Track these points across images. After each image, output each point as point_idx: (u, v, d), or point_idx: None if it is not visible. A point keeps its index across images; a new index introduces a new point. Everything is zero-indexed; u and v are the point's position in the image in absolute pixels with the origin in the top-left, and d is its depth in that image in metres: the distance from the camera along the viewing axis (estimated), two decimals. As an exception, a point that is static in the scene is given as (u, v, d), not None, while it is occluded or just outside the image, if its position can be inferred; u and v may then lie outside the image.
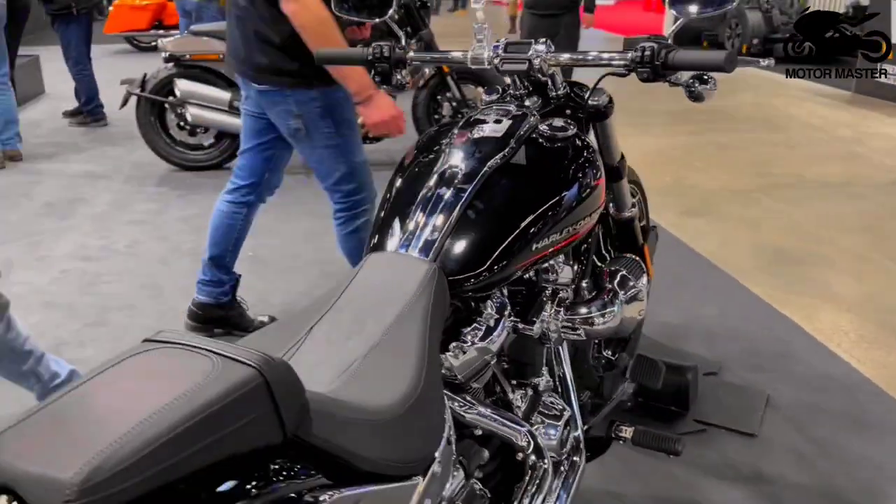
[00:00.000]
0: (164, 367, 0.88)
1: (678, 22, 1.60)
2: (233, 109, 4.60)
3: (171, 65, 4.70)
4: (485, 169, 1.44)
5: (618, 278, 1.62)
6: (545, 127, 1.55)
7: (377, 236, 1.43)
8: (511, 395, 1.55)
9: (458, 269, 1.34)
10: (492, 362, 1.44)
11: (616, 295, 1.59)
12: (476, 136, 1.52)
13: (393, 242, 1.38)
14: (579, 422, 1.68)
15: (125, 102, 4.85)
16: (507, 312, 1.44)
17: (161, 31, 9.48)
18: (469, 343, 1.35)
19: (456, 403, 1.35)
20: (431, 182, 1.44)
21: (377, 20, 1.83)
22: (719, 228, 3.97)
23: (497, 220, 1.40)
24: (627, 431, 1.78)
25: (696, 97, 1.58)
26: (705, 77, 1.58)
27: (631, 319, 1.63)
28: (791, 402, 2.41)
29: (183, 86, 4.63)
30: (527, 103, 1.69)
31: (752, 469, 2.10)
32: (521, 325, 1.49)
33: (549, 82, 1.69)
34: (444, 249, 1.35)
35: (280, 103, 2.39)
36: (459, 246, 1.36)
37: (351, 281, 1.31)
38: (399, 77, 1.79)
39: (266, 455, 0.89)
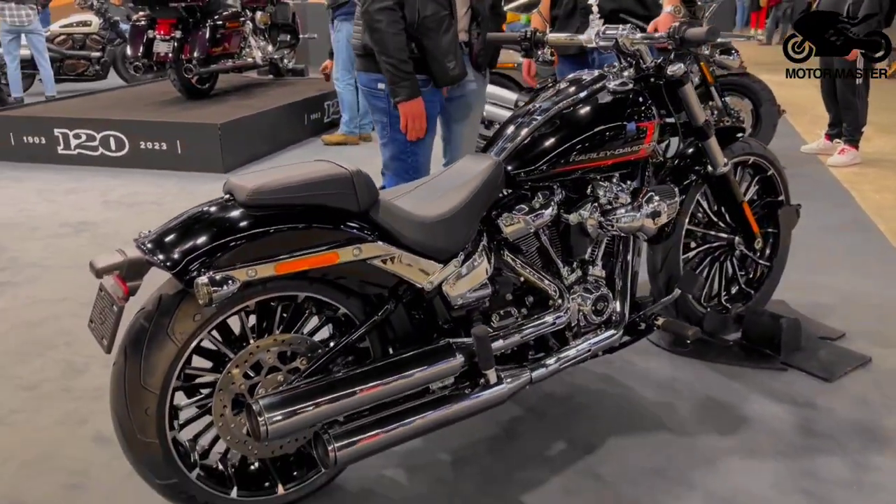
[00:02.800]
0: (318, 166, 1.83)
1: (713, 5, 2.17)
2: (518, 108, 5.64)
3: (478, 71, 5.91)
4: (555, 108, 2.20)
5: (647, 196, 2.24)
6: (611, 85, 2.25)
7: (483, 146, 2.27)
8: (562, 270, 2.26)
9: (518, 166, 2.14)
10: (541, 236, 2.19)
11: (640, 207, 2.21)
12: (561, 87, 2.29)
13: (490, 148, 2.22)
14: (619, 304, 2.32)
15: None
16: (553, 203, 2.17)
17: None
18: (516, 214, 2.12)
19: (506, 254, 2.14)
20: (522, 114, 2.25)
21: (532, 11, 2.62)
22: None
23: (550, 139, 2.16)
24: (661, 321, 2.35)
25: (719, 66, 2.13)
26: (732, 50, 2.12)
27: (649, 227, 2.23)
28: (892, 370, 2.63)
29: (483, 87, 5.80)
30: (625, 74, 2.36)
31: (805, 399, 2.46)
32: (563, 214, 2.20)
33: (639, 57, 2.34)
34: (512, 153, 2.15)
35: None
36: (523, 152, 2.15)
37: (449, 168, 2.19)
38: (541, 53, 2.60)
39: (354, 217, 1.79)
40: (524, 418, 2.37)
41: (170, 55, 6.72)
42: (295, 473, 1.95)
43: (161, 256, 1.62)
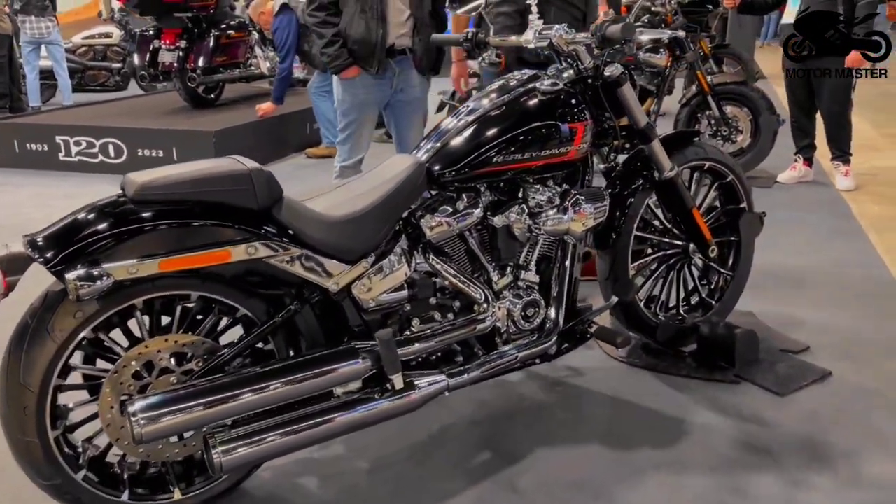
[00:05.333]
0: (218, 162, 1.81)
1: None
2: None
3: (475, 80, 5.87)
4: (482, 109, 2.15)
5: (574, 199, 2.16)
6: (542, 86, 2.18)
7: (413, 148, 2.23)
8: (492, 275, 2.20)
9: (441, 166, 2.08)
10: (469, 239, 2.12)
11: (566, 210, 2.14)
12: (492, 89, 2.24)
13: (416, 150, 2.17)
14: (553, 311, 2.25)
15: (440, 109, 6.15)
16: (479, 205, 2.10)
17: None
18: (439, 216, 2.06)
19: (430, 257, 2.08)
20: (452, 116, 2.20)
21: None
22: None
23: (475, 139, 2.10)
24: (594, 328, 2.27)
25: (645, 63, 2.06)
26: (658, 49, 2.05)
27: (576, 230, 2.15)
28: (851, 385, 2.51)
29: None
30: (564, 75, 2.30)
31: (752, 413, 2.35)
32: (489, 216, 2.14)
33: (576, 57, 2.28)
34: (436, 154, 2.09)
35: None
36: (447, 153, 2.10)
37: (374, 169, 2.15)
38: (486, 55, 2.55)
39: (252, 215, 1.75)
40: (455, 425, 2.31)
41: (175, 64, 6.80)
42: (197, 479, 1.91)
43: (38, 252, 1.60)
